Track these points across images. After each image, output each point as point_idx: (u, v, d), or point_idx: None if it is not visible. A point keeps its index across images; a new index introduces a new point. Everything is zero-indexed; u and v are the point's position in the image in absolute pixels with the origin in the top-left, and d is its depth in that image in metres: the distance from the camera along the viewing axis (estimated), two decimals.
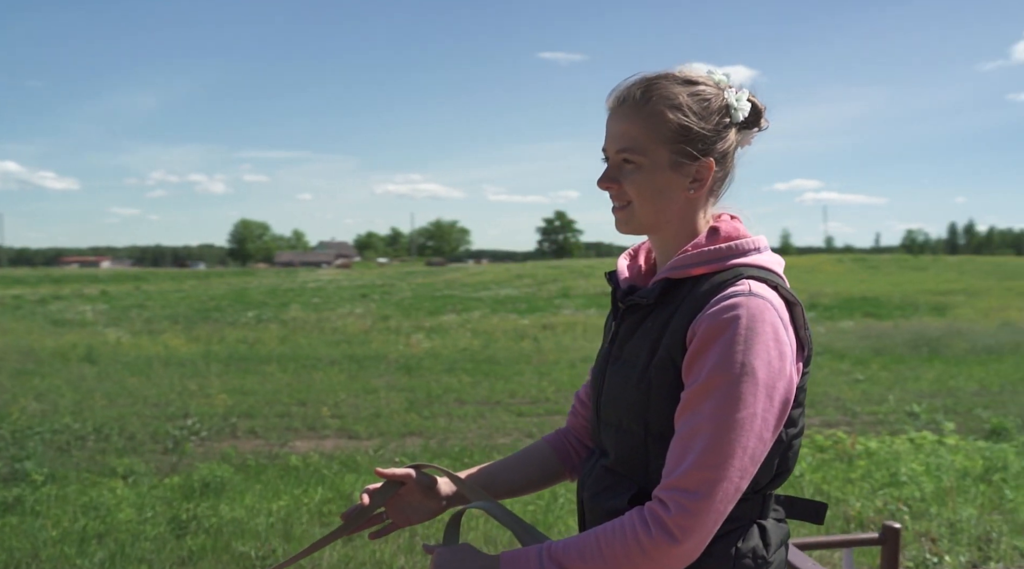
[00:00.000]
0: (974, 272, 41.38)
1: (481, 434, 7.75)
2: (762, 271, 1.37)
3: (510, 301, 27.72)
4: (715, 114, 1.40)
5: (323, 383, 10.37)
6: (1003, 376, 11.49)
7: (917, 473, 5.16)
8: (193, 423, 7.60)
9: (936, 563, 3.87)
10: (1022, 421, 7.76)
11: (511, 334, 16.73)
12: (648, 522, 1.25)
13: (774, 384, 1.27)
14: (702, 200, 1.45)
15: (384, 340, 15.47)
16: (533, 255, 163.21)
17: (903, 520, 4.29)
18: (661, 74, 1.42)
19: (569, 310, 23.47)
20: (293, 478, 5.44)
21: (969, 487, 4.97)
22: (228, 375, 10.86)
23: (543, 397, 9.77)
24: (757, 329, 1.27)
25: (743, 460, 1.25)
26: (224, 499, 4.75)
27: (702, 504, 1.23)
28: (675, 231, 1.45)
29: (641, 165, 1.39)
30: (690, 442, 1.26)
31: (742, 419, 1.25)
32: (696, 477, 1.24)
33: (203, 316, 21.62)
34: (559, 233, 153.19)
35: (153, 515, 4.41)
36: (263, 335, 16.25)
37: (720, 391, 1.25)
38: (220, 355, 12.96)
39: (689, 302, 1.35)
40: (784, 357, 1.29)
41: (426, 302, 26.80)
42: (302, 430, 7.79)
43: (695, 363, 1.29)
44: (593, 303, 26.40)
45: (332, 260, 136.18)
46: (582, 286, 34.55)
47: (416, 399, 9.39)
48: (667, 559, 1.25)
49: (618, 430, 1.43)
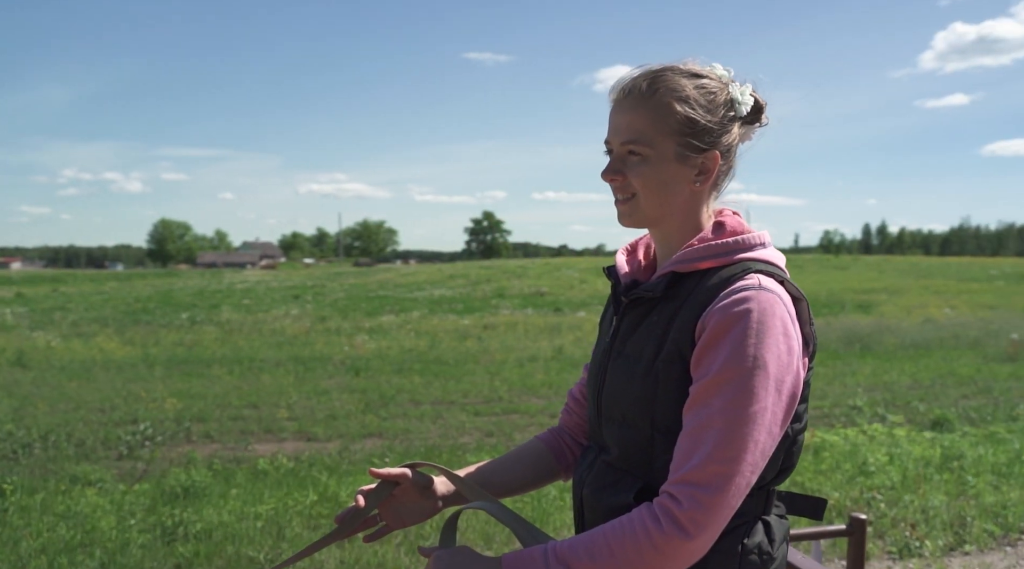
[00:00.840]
0: (892, 271, 42.98)
1: (441, 434, 7.71)
2: (769, 266, 1.37)
3: (446, 301, 27.64)
4: (720, 107, 1.40)
5: (272, 385, 10.17)
6: (932, 370, 11.99)
7: (883, 463, 5.37)
8: (145, 428, 7.37)
9: (918, 547, 4.05)
10: (962, 412, 8.13)
11: (454, 334, 16.70)
12: (659, 517, 1.23)
13: (783, 378, 1.26)
14: (706, 194, 1.45)
15: (326, 341, 15.25)
16: (461, 255, 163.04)
17: (879, 508, 4.47)
18: (666, 66, 1.41)
19: (507, 310, 23.54)
20: (271, 481, 5.33)
21: (932, 475, 5.20)
22: (171, 378, 10.56)
23: (496, 396, 9.79)
24: (768, 323, 1.26)
25: (754, 454, 1.24)
26: (205, 504, 4.62)
27: (715, 498, 1.22)
28: (679, 225, 1.44)
29: (647, 157, 1.38)
30: (701, 436, 1.24)
31: (754, 413, 1.24)
32: (709, 471, 1.22)
33: (132, 319, 20.94)
34: (487, 233, 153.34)
35: (135, 522, 4.27)
36: (200, 337, 15.84)
37: (732, 385, 1.24)
38: (159, 358, 12.58)
39: (696, 296, 1.34)
40: (792, 352, 1.28)
41: (362, 303, 26.52)
42: (258, 433, 7.64)
43: (705, 357, 1.28)
44: (528, 303, 26.53)
45: (257, 261, 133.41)
46: (516, 286, 34.67)
47: (370, 400, 9.30)
48: (679, 554, 1.23)
49: (622, 426, 1.41)
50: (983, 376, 11.35)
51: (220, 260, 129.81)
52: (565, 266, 45.86)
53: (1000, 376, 11.36)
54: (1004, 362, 12.79)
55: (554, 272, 41.85)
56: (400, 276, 47.77)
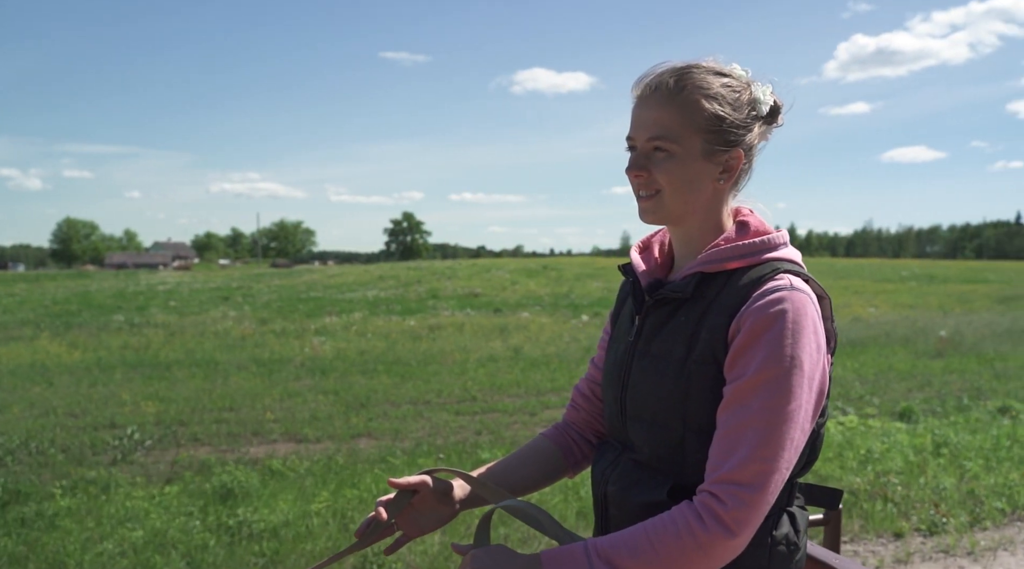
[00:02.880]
0: (812, 272, 44.42)
1: (430, 434, 7.80)
2: (794, 265, 1.39)
3: (383, 303, 27.46)
4: (745, 106, 1.40)
5: (242, 388, 10.05)
6: (872, 366, 12.64)
7: (883, 450, 5.76)
8: (132, 432, 7.23)
9: (944, 523, 4.42)
10: (921, 404, 8.67)
11: (406, 335, 16.70)
12: (702, 517, 1.24)
13: (814, 376, 1.29)
14: (727, 192, 1.45)
15: (278, 343, 15.06)
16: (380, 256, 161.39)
17: (896, 490, 4.82)
18: (691, 64, 1.41)
19: (447, 311, 23.57)
20: (292, 480, 5.34)
21: (929, 460, 5.61)
22: (134, 382, 10.31)
23: (469, 396, 9.90)
24: (802, 323, 1.27)
25: (790, 451, 1.26)
26: (258, 504, 4.61)
27: (757, 496, 1.23)
28: (700, 222, 1.44)
29: (674, 153, 1.37)
30: (740, 435, 1.25)
31: (791, 411, 1.25)
32: (751, 470, 1.23)
33: (61, 321, 20.18)
34: (407, 234, 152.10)
35: (198, 523, 4.24)
36: (146, 340, 15.40)
37: (771, 385, 1.25)
38: (113, 362, 12.23)
39: (727, 296, 1.35)
40: (820, 349, 1.30)
41: (298, 304, 26.14)
42: (246, 435, 7.58)
43: (742, 357, 1.29)
44: (466, 304, 26.60)
45: (169, 262, 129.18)
46: (449, 287, 34.62)
47: (347, 401, 9.30)
48: (723, 553, 1.25)
49: (652, 425, 1.41)
50: (919, 371, 12.03)
51: (130, 261, 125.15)
52: (494, 267, 46.02)
53: (935, 370, 12.06)
54: (934, 358, 13.56)
55: (483, 273, 41.95)
56: (327, 277, 47.06)
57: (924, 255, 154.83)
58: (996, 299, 26.16)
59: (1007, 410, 8.06)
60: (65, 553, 3.71)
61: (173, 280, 50.36)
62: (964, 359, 13.23)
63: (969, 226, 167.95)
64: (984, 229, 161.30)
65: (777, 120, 1.46)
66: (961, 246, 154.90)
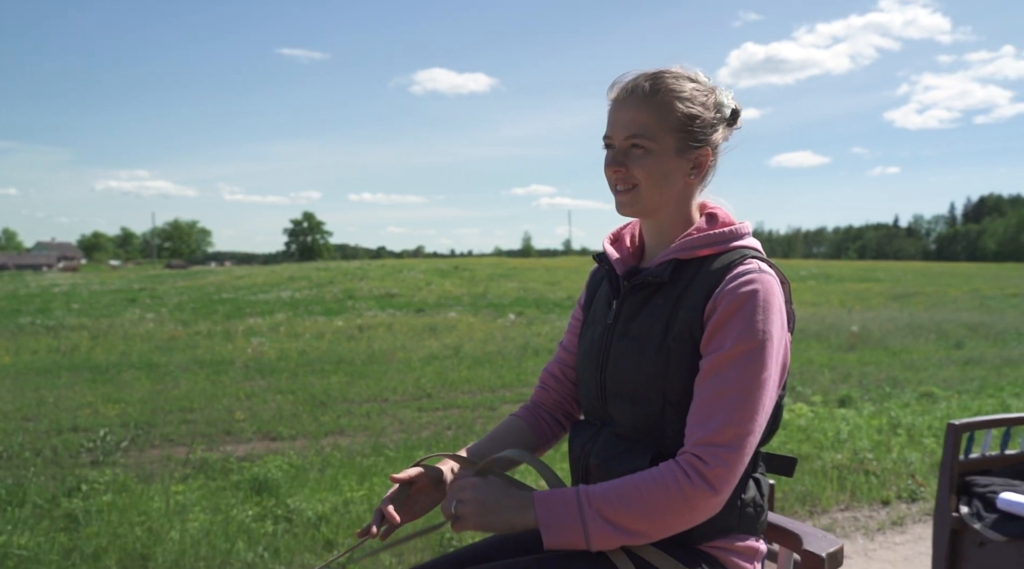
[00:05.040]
0: None
1: (401, 430, 7.95)
2: (759, 252, 1.54)
3: (301, 304, 27.12)
4: (712, 108, 1.54)
5: (194, 389, 9.93)
6: (795, 359, 13.39)
7: (849, 431, 6.33)
8: (105, 434, 7.14)
9: (923, 491, 4.96)
10: (856, 391, 9.35)
11: (340, 335, 16.67)
12: (688, 473, 1.35)
13: (779, 349, 1.42)
14: (696, 186, 1.59)
15: (211, 345, 14.80)
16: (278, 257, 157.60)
17: (872, 465, 5.36)
18: (663, 70, 1.54)
19: (370, 312, 23.52)
20: (329, 472, 5.44)
21: (891, 439, 6.18)
22: (79, 386, 10.03)
23: (424, 394, 10.07)
24: (771, 302, 1.41)
25: (762, 416, 1.39)
26: (293, 493, 4.72)
27: (735, 456, 1.35)
28: (672, 214, 1.57)
29: (650, 150, 1.50)
30: (718, 403, 1.36)
31: (764, 380, 1.38)
32: (729, 433, 1.34)
33: None
34: (307, 235, 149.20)
35: (249, 513, 4.33)
36: (73, 343, 14.82)
37: (746, 356, 1.37)
38: (45, 365, 11.82)
39: (701, 280, 1.47)
40: (784, 326, 1.44)
41: (215, 306, 25.57)
42: (219, 435, 7.57)
43: (718, 332, 1.41)
44: (386, 304, 26.57)
45: (54, 262, 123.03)
46: (364, 288, 34.37)
47: (306, 401, 9.33)
48: (704, 507, 1.36)
49: (633, 400, 1.51)
50: (837, 363, 12.87)
51: (11, 261, 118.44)
52: (405, 268, 45.86)
53: (851, 363, 12.92)
54: (847, 351, 14.49)
55: (396, 274, 41.78)
56: (234, 279, 45.88)
57: (811, 256, 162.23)
58: (890, 297, 27.92)
59: (930, 395, 8.83)
60: (142, 544, 3.77)
61: (65, 281, 48.08)
62: (874, 352, 14.20)
63: (852, 228, 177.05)
64: (866, 231, 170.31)
65: (737, 122, 1.60)
66: (845, 247, 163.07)
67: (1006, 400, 8.27)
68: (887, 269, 51.10)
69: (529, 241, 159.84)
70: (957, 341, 15.59)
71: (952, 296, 28.46)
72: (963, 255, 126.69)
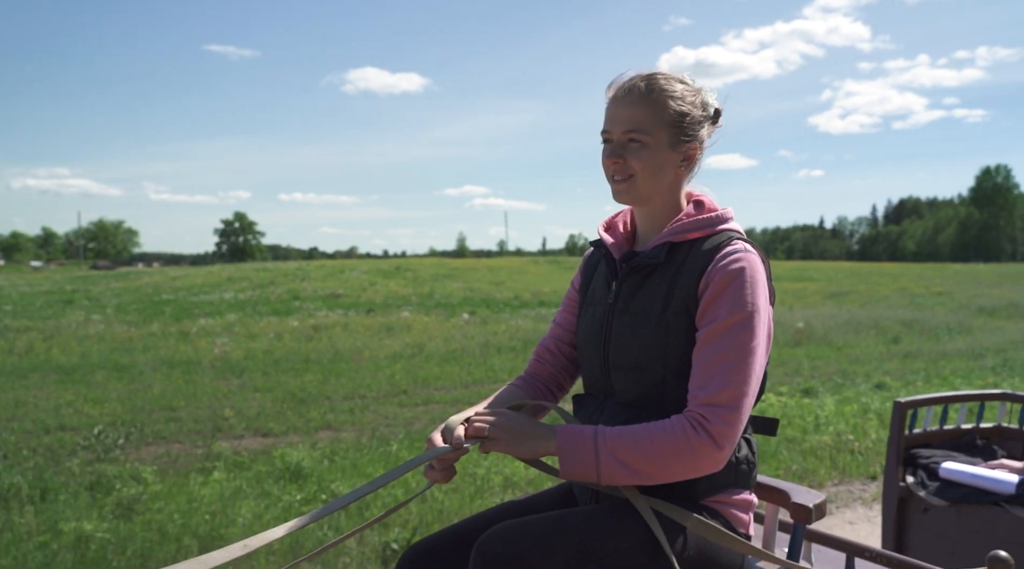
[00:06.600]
0: None
1: (388, 424, 8.15)
2: (741, 234, 1.67)
3: (246, 304, 26.86)
4: (699, 107, 1.69)
5: (169, 389, 9.93)
6: None
7: (827, 417, 6.79)
8: (99, 432, 7.17)
9: None
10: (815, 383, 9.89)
11: (298, 336, 16.66)
12: (694, 427, 1.47)
13: (765, 320, 1.56)
14: (684, 177, 1.74)
15: (168, 345, 14.66)
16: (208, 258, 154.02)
17: (855, 445, 5.81)
18: (655, 72, 1.68)
19: (322, 312, 23.44)
20: (354, 456, 5.60)
21: (866, 423, 6.66)
22: (50, 387, 9.93)
23: (399, 390, 10.26)
24: (757, 277, 1.55)
25: (755, 379, 1.52)
26: (329, 479, 4.89)
27: (734, 415, 1.47)
28: (663, 203, 1.71)
29: (646, 144, 1.63)
30: (715, 368, 1.49)
31: (755, 347, 1.51)
32: (727, 394, 1.47)
33: None
34: (239, 235, 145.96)
35: (298, 498, 4.49)
36: (27, 344, 14.47)
37: (738, 326, 1.50)
38: (7, 366, 11.61)
39: (693, 260, 1.61)
40: (767, 299, 1.58)
41: (159, 307, 25.17)
42: (210, 432, 7.65)
43: (712, 306, 1.54)
44: (334, 304, 26.51)
45: None
46: (307, 288, 34.12)
47: (284, 398, 9.44)
48: (709, 460, 1.48)
49: (635, 371, 1.64)
50: (787, 358, 13.43)
51: None
52: (347, 268, 45.60)
53: (800, 357, 13.52)
54: (794, 347, 15.15)
55: (338, 274, 41.53)
56: (170, 280, 44.93)
57: None
58: (826, 295, 29.02)
59: (883, 386, 9.42)
60: (211, 526, 3.93)
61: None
62: (819, 347, 14.88)
63: (780, 229, 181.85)
64: (793, 232, 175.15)
65: (719, 122, 1.75)
66: (773, 248, 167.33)
67: (956, 385, 8.92)
68: (818, 269, 52.87)
69: (464, 242, 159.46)
70: (894, 336, 16.43)
71: (883, 294, 29.74)
72: (884, 255, 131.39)
